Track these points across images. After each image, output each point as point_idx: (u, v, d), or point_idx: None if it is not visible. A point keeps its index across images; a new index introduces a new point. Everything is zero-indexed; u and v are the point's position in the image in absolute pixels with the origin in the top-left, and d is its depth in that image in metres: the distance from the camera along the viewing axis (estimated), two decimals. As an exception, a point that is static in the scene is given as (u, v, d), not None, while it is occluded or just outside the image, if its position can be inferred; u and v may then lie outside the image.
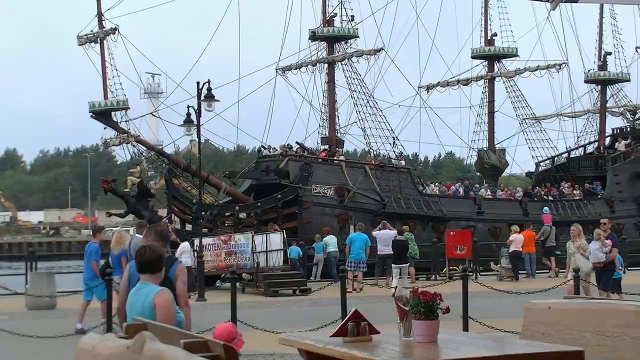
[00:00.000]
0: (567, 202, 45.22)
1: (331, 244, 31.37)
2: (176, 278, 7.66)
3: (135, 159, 39.31)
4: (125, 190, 38.38)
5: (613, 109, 52.96)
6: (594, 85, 52.94)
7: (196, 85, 27.84)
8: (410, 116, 49.53)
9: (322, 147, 43.96)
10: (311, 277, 30.47)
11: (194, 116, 29.14)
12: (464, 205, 43.06)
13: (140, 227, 17.25)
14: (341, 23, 44.72)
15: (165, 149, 41.25)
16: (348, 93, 45.05)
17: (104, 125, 39.54)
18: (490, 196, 44.65)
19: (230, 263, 26.33)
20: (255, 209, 37.23)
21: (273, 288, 24.90)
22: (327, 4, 44.79)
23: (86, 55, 39.48)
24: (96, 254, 17.44)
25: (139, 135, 39.00)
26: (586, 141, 52.99)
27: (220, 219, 37.81)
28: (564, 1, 8.13)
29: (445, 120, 54.96)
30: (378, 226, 28.38)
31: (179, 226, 38.98)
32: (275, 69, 45.46)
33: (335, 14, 44.76)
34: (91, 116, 39.31)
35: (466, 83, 49.73)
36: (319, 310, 18.90)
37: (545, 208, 40.00)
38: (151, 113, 39.98)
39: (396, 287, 5.99)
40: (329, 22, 44.64)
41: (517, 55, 50.54)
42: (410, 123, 50.16)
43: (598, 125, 52.70)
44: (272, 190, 37.73)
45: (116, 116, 39.58)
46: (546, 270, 31.43)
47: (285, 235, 27.75)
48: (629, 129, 52.38)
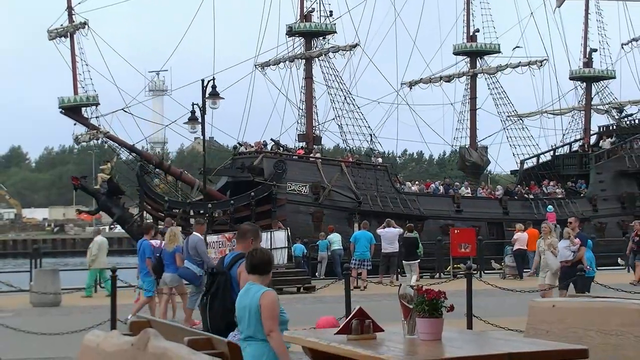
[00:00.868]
0: (549, 201, 44.73)
1: (335, 242, 31.37)
2: (239, 275, 7.89)
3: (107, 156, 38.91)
4: (96, 187, 38.08)
5: (598, 107, 52.73)
6: (579, 82, 52.67)
7: (201, 82, 27.74)
8: (391, 114, 49.07)
9: (299, 144, 43.76)
10: (316, 274, 30.50)
11: (198, 113, 29.00)
12: (442, 203, 42.73)
13: (198, 225, 17.71)
14: (319, 18, 44.46)
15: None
16: (326, 90, 44.86)
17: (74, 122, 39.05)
18: (470, 194, 44.36)
19: (234, 260, 26.32)
20: (228, 206, 36.95)
21: (277, 286, 24.88)
22: (305, -2, 43.89)
23: (57, 51, 38.95)
24: (150, 251, 17.84)
25: (107, 132, 38.43)
26: (572, 139, 52.77)
27: (194, 217, 36.75)
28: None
29: (428, 117, 54.63)
30: (382, 224, 28.35)
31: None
32: (254, 65, 45.16)
33: (313, 9, 44.45)
34: (60, 112, 38.85)
35: (449, 79, 49.49)
36: (323, 308, 18.91)
37: (550, 207, 39.98)
38: (122, 109, 39.34)
39: (400, 285, 5.99)
40: (306, 18, 44.32)
41: (500, 52, 50.17)
42: (392, 120, 49.76)
43: (583, 122, 52.48)
44: (248, 188, 37.54)
45: (87, 112, 39.16)
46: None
47: (289, 233, 27.68)
48: (615, 126, 52.28)
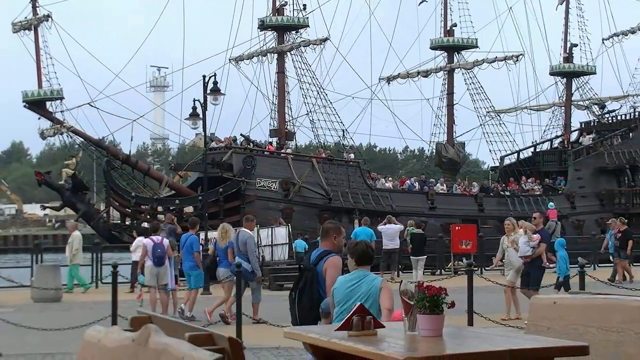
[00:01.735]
0: (525, 198, 44.66)
1: None
2: (325, 270, 8.44)
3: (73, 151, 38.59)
4: (60, 182, 37.78)
5: (579, 102, 52.51)
6: (560, 77, 52.45)
7: (203, 78, 27.72)
8: (367, 109, 49.12)
9: (271, 140, 43.65)
10: None
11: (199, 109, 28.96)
12: (416, 200, 42.52)
13: (247, 222, 18.11)
14: (293, 12, 44.26)
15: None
16: (297, 84, 44.68)
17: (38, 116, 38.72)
18: (445, 191, 44.21)
19: (235, 256, 26.29)
20: (196, 202, 36.64)
21: (278, 282, 24.96)
22: (278, -8, 43.91)
23: (21, 43, 38.72)
24: (197, 245, 18.68)
25: (72, 126, 38.08)
26: (553, 135, 52.61)
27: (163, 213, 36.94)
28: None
29: (407, 112, 54.54)
30: (383, 221, 28.39)
31: (120, 220, 38.48)
32: (229, 59, 44.90)
33: (286, 2, 44.22)
34: (24, 106, 38.46)
35: (426, 75, 49.36)
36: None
37: (551, 203, 39.88)
38: (88, 103, 39.07)
39: (401, 282, 6.00)
40: (278, 11, 44.10)
41: (477, 47, 49.99)
42: (369, 115, 49.57)
43: (564, 118, 52.35)
44: (220, 184, 37.32)
45: (52, 106, 38.77)
46: (552, 266, 31.32)
47: (290, 229, 27.66)
48: (596, 122, 52.22)
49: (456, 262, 30.86)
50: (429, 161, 55.89)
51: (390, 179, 46.08)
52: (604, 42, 54.19)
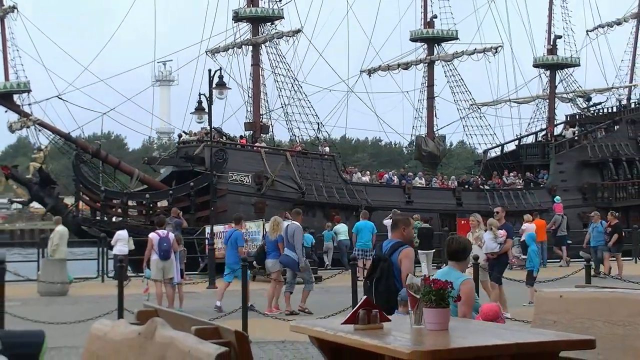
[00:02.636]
0: (504, 192, 44.23)
1: (342, 232, 31.40)
2: (400, 262, 8.94)
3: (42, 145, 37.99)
4: (28, 176, 37.35)
5: (562, 95, 52.18)
6: (543, 69, 52.04)
7: (208, 72, 27.69)
8: (346, 101, 48.51)
9: (246, 133, 43.32)
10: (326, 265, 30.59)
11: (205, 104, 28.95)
12: (392, 194, 41.82)
13: (296, 216, 18.72)
14: (268, 3, 43.85)
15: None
16: (269, 76, 44.24)
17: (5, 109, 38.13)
18: (423, 185, 43.77)
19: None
20: (167, 196, 36.50)
21: (284, 276, 24.90)
22: (253, -18, 43.78)
23: None
24: (242, 240, 19.52)
25: (38, 119, 37.54)
26: (537, 128, 52.25)
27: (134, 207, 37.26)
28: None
29: (387, 105, 54.24)
30: (389, 215, 28.37)
31: (90, 214, 38.05)
32: (205, 52, 44.46)
33: None
34: None
35: (406, 67, 48.94)
36: (329, 298, 18.94)
37: (557, 197, 39.76)
38: (57, 96, 38.72)
39: (407, 275, 6.00)
40: (253, 2, 43.59)
41: (457, 38, 49.57)
42: (350, 108, 49.04)
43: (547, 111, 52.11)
44: (193, 178, 37.09)
45: (20, 99, 38.10)
46: (557, 260, 31.35)
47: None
48: (581, 115, 51.99)
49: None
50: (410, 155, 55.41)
51: (368, 172, 45.79)
52: (588, 34, 54.10)
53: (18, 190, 38.34)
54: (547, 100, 51.49)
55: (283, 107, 43.53)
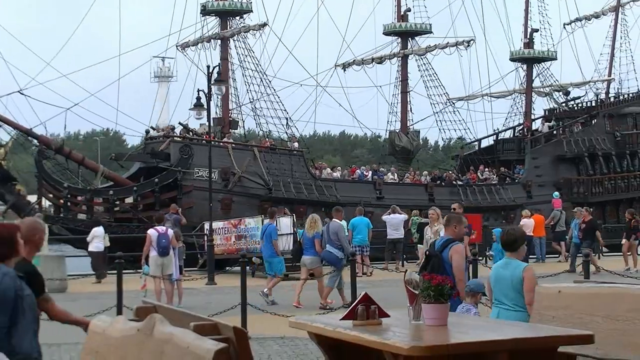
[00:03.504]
0: (478, 187, 43.80)
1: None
2: (451, 257, 9.44)
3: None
4: None
5: (539, 89, 51.80)
6: (520, 63, 51.69)
7: (207, 68, 27.66)
8: (318, 96, 48.05)
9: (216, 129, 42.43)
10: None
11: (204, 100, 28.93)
12: (362, 190, 41.42)
13: (337, 212, 19.12)
14: None
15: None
16: (249, 72, 43.91)
17: None
18: (396, 180, 43.38)
19: (240, 247, 26.34)
20: (132, 193, 36.09)
21: (284, 272, 24.90)
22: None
23: None
24: (275, 233, 20.28)
25: None
26: (516, 123, 51.87)
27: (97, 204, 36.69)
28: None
29: (361, 99, 53.77)
30: (388, 210, 28.38)
31: (53, 211, 37.76)
32: (176, 46, 44.20)
33: None
34: None
35: (380, 61, 48.51)
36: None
37: (555, 193, 39.59)
38: (18, 91, 38.17)
39: (406, 271, 6.02)
40: None
41: (431, 32, 49.24)
42: (322, 104, 48.64)
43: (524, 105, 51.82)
44: (160, 174, 36.77)
45: None
46: (556, 255, 31.36)
47: (295, 219, 27.54)
48: (560, 110, 51.67)
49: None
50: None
51: (339, 168, 45.39)
52: (565, 27, 53.88)
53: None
54: (525, 95, 51.27)
55: (251, 102, 43.22)
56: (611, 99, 51.81)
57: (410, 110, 48.69)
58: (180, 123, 41.20)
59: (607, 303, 6.42)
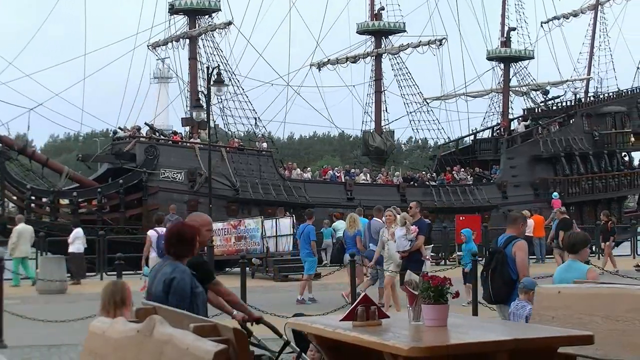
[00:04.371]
0: (451, 188, 43.47)
1: (341, 229, 31.31)
2: (514, 254, 9.98)
3: None
4: None
5: (517, 88, 51.48)
6: (497, 62, 51.32)
7: (206, 70, 27.71)
8: (288, 97, 47.36)
9: (187, 129, 42.46)
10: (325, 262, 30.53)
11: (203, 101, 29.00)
12: (332, 191, 41.12)
13: (378, 212, 19.07)
14: None
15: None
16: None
17: None
18: (368, 181, 42.98)
19: (240, 248, 26.38)
20: (95, 195, 35.73)
21: (283, 273, 24.98)
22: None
23: None
24: (313, 234, 20.77)
25: None
26: (494, 122, 51.37)
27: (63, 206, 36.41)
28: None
29: (334, 99, 53.17)
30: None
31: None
32: (147, 45, 43.71)
33: None
34: None
35: (354, 60, 48.13)
36: (328, 295, 18.93)
37: (555, 193, 39.53)
38: None
39: (406, 272, 6.03)
40: None
41: (405, 31, 48.81)
42: (297, 104, 48.30)
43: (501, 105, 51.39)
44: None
45: None
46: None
47: (294, 220, 27.53)
48: (539, 109, 51.44)
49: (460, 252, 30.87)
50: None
51: (309, 169, 45.15)
52: (542, 26, 53.53)
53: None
54: (502, 94, 50.99)
55: (219, 102, 42.55)
56: (590, 98, 51.69)
57: (386, 110, 48.32)
58: (146, 123, 40.92)
59: (607, 303, 6.43)
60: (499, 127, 50.24)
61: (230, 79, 42.31)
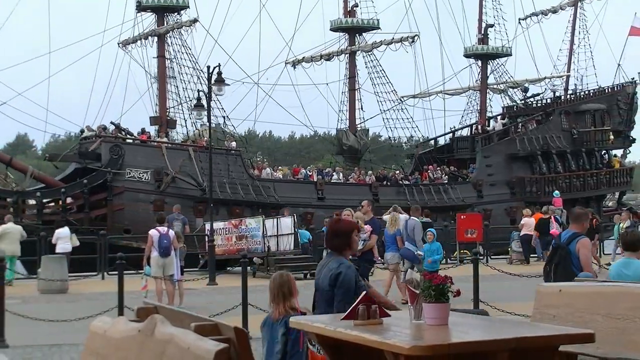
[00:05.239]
0: (425, 187, 43.12)
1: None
2: (578, 250, 10.07)
3: None
4: None
5: (494, 86, 51.20)
6: (474, 59, 50.97)
7: (207, 69, 27.66)
8: (261, 96, 48.15)
9: (154, 128, 42.08)
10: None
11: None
12: (303, 190, 40.66)
13: (415, 211, 19.48)
14: None
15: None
16: (186, 70, 42.99)
17: None
18: (340, 180, 42.60)
19: (241, 247, 26.37)
20: (59, 195, 35.33)
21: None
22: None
23: None
24: None
25: None
26: (473, 120, 50.92)
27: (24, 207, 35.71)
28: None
29: (311, 98, 52.50)
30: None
31: None
32: (117, 43, 43.28)
33: None
34: None
35: (329, 58, 47.70)
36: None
37: (556, 192, 39.37)
38: None
39: (407, 270, 6.04)
40: None
41: (379, 28, 48.23)
42: (270, 101, 47.90)
43: (479, 102, 51.17)
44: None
45: None
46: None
47: (295, 219, 27.50)
48: (517, 107, 51.10)
49: (461, 251, 30.85)
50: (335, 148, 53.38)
51: (281, 168, 44.51)
52: (520, 22, 53.11)
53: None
54: (480, 92, 50.97)
55: (186, 102, 42.10)
56: (570, 96, 51.32)
57: (361, 108, 48.00)
58: (112, 122, 40.44)
59: (608, 301, 6.45)
60: (476, 126, 49.67)
61: (199, 77, 41.57)
